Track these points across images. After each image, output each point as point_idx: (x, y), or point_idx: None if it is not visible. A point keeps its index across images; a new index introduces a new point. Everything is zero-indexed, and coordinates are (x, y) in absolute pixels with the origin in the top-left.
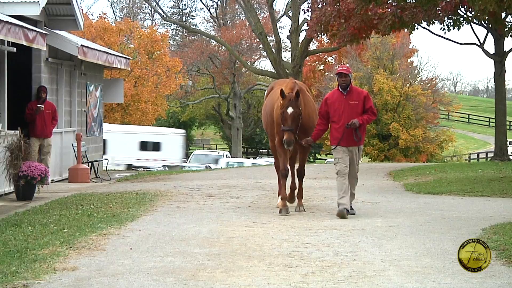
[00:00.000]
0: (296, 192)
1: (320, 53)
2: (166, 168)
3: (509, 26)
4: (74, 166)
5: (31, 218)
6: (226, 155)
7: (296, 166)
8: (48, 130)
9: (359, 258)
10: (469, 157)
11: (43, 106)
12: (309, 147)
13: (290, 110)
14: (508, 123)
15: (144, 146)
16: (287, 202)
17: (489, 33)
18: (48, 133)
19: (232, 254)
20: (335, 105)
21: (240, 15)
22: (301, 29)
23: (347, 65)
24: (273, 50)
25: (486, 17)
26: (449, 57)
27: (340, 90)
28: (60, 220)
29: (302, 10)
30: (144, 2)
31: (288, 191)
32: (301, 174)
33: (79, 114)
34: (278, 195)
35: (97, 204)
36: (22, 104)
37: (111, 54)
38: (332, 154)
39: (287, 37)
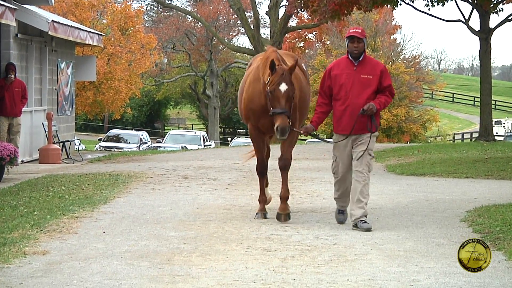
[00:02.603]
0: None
1: (300, 30)
2: None
3: (495, 2)
4: (45, 147)
5: (0, 200)
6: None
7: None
8: (18, 109)
9: (340, 241)
10: (453, 138)
11: (13, 76)
12: (294, 134)
13: (283, 87)
14: (493, 102)
15: None
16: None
17: (474, 10)
18: (17, 112)
19: (209, 237)
20: (341, 78)
21: None
22: (281, 5)
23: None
24: (252, 26)
25: None
26: (433, 34)
27: (350, 58)
28: (30, 202)
29: None
30: None
31: (272, 197)
32: (285, 164)
33: (49, 92)
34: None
35: (68, 186)
36: None
37: (83, 30)
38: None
39: (266, 13)
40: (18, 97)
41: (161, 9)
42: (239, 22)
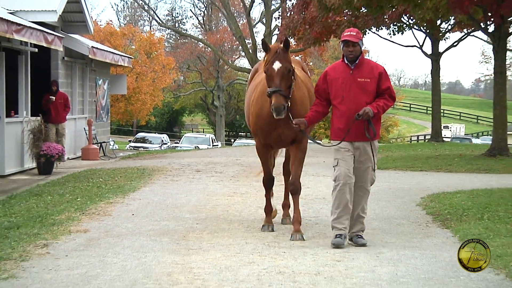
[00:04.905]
0: (289, 212)
1: None
2: None
3: (443, 31)
4: (86, 146)
5: (50, 189)
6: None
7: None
8: (61, 117)
9: (321, 222)
10: (410, 139)
11: (54, 97)
12: (305, 146)
13: (277, 65)
14: (442, 111)
15: None
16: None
17: (427, 37)
18: (61, 119)
19: (216, 218)
20: (337, 82)
21: (223, 22)
22: (273, 33)
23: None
24: (250, 51)
25: (425, 24)
26: (394, 56)
27: (346, 62)
28: (74, 191)
29: (274, 17)
30: (143, 11)
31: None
32: (295, 187)
33: (90, 103)
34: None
35: (105, 178)
36: (43, 95)
37: (116, 54)
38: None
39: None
40: (62, 107)
41: (178, 37)
42: (240, 47)
